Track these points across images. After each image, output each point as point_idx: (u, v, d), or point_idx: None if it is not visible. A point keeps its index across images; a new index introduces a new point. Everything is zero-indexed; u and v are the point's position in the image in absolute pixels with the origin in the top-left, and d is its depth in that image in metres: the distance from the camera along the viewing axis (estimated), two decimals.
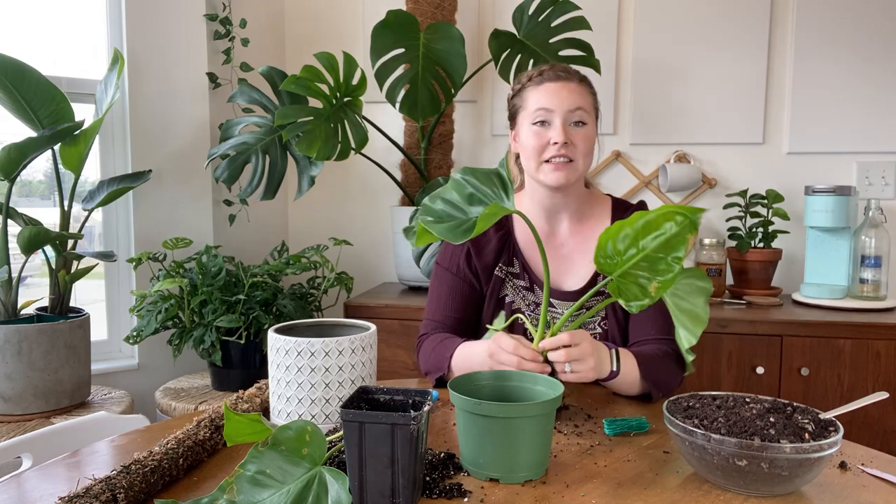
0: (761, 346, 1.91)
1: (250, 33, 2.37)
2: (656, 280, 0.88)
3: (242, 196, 2.15)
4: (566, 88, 1.27)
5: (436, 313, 1.37)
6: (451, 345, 1.26)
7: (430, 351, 1.31)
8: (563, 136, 1.24)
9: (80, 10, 2.19)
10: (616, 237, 0.88)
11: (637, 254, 0.88)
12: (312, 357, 0.94)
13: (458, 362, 1.23)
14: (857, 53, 2.24)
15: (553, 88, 1.27)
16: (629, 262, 0.89)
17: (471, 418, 0.81)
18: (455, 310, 1.36)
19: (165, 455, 0.81)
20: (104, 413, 1.22)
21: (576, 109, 1.26)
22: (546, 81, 1.29)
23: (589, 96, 1.30)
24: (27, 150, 1.74)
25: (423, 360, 1.33)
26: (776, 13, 2.30)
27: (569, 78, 1.29)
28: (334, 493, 0.67)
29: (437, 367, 1.27)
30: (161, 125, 2.22)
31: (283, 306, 1.98)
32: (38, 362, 1.73)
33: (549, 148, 1.25)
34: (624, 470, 0.85)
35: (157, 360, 2.24)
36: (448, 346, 1.26)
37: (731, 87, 2.32)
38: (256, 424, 0.73)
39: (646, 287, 0.90)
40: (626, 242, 0.88)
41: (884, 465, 0.86)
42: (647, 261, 0.88)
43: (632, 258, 0.89)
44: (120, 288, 2.25)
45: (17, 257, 1.80)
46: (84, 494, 0.71)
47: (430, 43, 2.12)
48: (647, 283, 0.89)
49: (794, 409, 0.84)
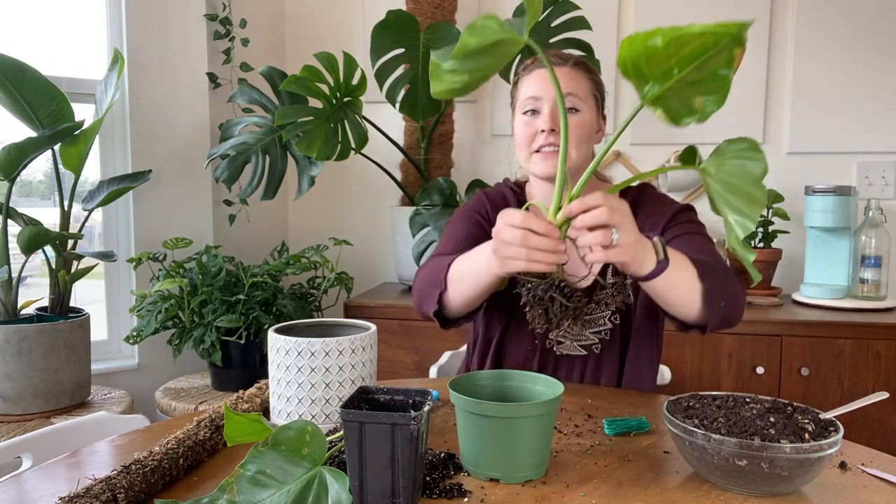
0: (761, 346, 1.91)
1: (250, 33, 2.37)
2: (700, 97, 0.74)
3: (242, 196, 2.15)
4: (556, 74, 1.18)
5: (445, 250, 1.25)
6: (450, 258, 1.12)
7: (427, 270, 1.17)
8: (549, 122, 1.17)
9: (80, 10, 2.19)
10: (641, 57, 0.72)
11: (673, 76, 0.73)
12: (312, 357, 0.94)
13: (457, 268, 1.09)
14: (858, 53, 2.24)
15: (543, 75, 1.21)
16: (665, 85, 0.74)
17: (471, 418, 0.81)
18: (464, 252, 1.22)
19: (165, 455, 0.81)
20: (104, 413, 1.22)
21: (566, 95, 1.17)
22: (537, 69, 1.23)
23: (584, 81, 1.22)
24: (27, 150, 1.74)
25: (417, 286, 1.19)
26: (776, 13, 2.30)
27: (561, 63, 1.22)
28: (334, 493, 0.67)
29: (433, 281, 1.12)
30: (161, 125, 2.22)
31: (283, 306, 1.98)
32: (38, 362, 1.73)
33: (537, 137, 1.19)
34: (624, 470, 0.85)
35: (157, 360, 2.24)
36: (447, 260, 1.11)
37: (731, 87, 2.32)
38: (256, 424, 0.73)
39: (690, 104, 0.75)
40: (656, 64, 0.73)
41: (884, 466, 0.86)
42: (684, 83, 0.74)
43: (668, 80, 0.73)
44: (120, 288, 2.25)
45: (17, 257, 1.80)
46: (84, 494, 0.71)
47: (431, 43, 2.12)
48: (691, 101, 0.75)
49: (794, 409, 0.84)
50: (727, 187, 0.78)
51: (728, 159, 0.78)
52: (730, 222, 0.77)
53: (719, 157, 0.80)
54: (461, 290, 1.09)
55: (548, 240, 0.85)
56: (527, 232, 0.86)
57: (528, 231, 0.86)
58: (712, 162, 0.81)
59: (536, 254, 0.86)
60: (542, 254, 0.86)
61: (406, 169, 2.40)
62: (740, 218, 0.76)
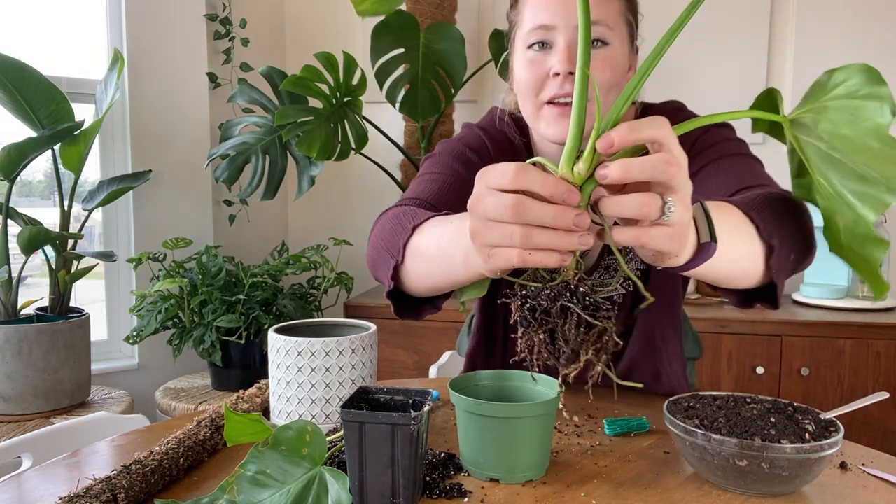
0: (761, 346, 1.91)
1: (250, 33, 2.37)
2: None
3: (242, 196, 2.15)
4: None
5: (419, 194, 0.93)
6: (416, 217, 0.80)
7: (386, 223, 0.85)
8: (567, 63, 0.84)
9: (80, 10, 2.19)
10: None
11: None
12: (312, 357, 0.94)
13: (423, 241, 0.76)
14: (858, 53, 2.24)
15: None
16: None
17: (471, 418, 0.81)
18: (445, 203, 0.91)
19: (165, 455, 0.81)
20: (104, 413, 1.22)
21: (592, 24, 0.83)
22: None
23: (614, 1, 0.88)
24: (27, 150, 1.74)
25: (372, 242, 0.87)
26: (776, 13, 2.30)
27: None
28: (334, 494, 0.67)
29: (389, 245, 0.81)
30: (161, 125, 2.22)
31: (283, 306, 1.98)
32: (38, 362, 1.73)
33: (549, 83, 0.87)
34: (624, 470, 0.85)
35: (157, 360, 2.24)
36: (413, 217, 0.80)
37: (731, 87, 2.32)
38: (256, 424, 0.73)
39: None
40: None
41: (884, 466, 0.86)
42: None
43: None
44: (120, 288, 2.25)
45: (17, 257, 1.80)
46: (84, 494, 0.71)
47: (431, 43, 2.12)
48: None
49: (794, 410, 0.84)
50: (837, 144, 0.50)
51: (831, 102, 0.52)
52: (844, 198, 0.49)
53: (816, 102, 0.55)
54: (423, 273, 0.77)
55: (559, 209, 0.51)
56: (523, 198, 0.51)
57: (526, 196, 0.52)
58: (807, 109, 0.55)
59: (540, 235, 0.51)
60: (550, 235, 0.52)
61: (406, 169, 2.39)
62: (864, 188, 0.49)
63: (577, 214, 0.51)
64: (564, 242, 0.52)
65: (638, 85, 0.55)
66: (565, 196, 0.51)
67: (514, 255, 0.53)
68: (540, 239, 0.52)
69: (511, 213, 0.51)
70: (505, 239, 0.53)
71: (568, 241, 0.52)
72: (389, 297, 0.83)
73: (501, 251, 0.54)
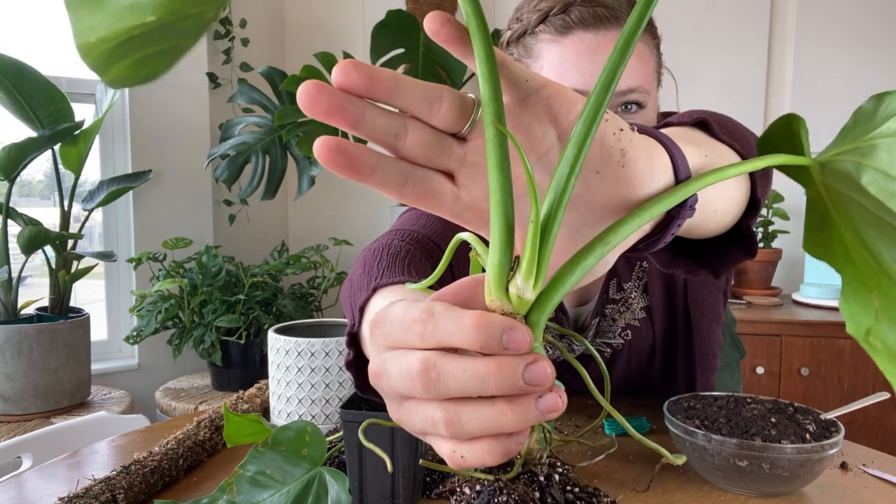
0: (761, 346, 1.91)
1: (250, 33, 2.37)
2: None
3: (242, 196, 2.15)
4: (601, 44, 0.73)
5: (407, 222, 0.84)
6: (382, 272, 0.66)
7: (358, 269, 0.72)
8: None
9: None
10: None
11: None
12: (312, 357, 0.94)
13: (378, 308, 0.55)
14: (858, 53, 2.24)
15: (587, 47, 0.73)
16: None
17: None
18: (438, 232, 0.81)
19: (165, 455, 0.81)
20: (104, 413, 1.22)
21: (628, 92, 0.74)
22: (576, 29, 0.74)
23: (650, 55, 0.78)
24: (27, 150, 1.73)
25: (343, 290, 0.76)
26: (776, 13, 2.30)
27: (614, 22, 0.74)
28: (334, 494, 0.67)
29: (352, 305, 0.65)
30: (161, 125, 2.22)
31: (283, 306, 1.98)
32: (38, 362, 1.73)
33: None
34: (624, 470, 0.85)
35: (157, 360, 2.24)
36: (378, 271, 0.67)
37: (731, 87, 2.32)
38: (256, 425, 0.73)
39: None
40: None
41: (885, 466, 0.86)
42: None
43: None
44: (120, 288, 2.25)
45: (17, 257, 1.80)
46: (84, 495, 0.71)
47: (431, 43, 2.12)
48: None
49: (795, 410, 0.84)
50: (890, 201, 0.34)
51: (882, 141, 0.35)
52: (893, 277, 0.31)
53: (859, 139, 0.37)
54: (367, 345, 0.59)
55: (496, 365, 0.30)
56: (434, 359, 0.31)
57: (442, 353, 0.31)
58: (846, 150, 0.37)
59: (471, 417, 0.31)
60: (487, 412, 0.31)
61: None
62: None
63: (527, 365, 0.30)
64: (512, 420, 0.30)
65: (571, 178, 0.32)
66: (505, 341, 0.30)
67: (445, 452, 0.32)
68: (472, 424, 0.31)
69: (421, 386, 0.31)
70: (428, 426, 0.32)
71: (520, 414, 0.30)
72: (349, 369, 0.61)
73: (434, 440, 0.34)
